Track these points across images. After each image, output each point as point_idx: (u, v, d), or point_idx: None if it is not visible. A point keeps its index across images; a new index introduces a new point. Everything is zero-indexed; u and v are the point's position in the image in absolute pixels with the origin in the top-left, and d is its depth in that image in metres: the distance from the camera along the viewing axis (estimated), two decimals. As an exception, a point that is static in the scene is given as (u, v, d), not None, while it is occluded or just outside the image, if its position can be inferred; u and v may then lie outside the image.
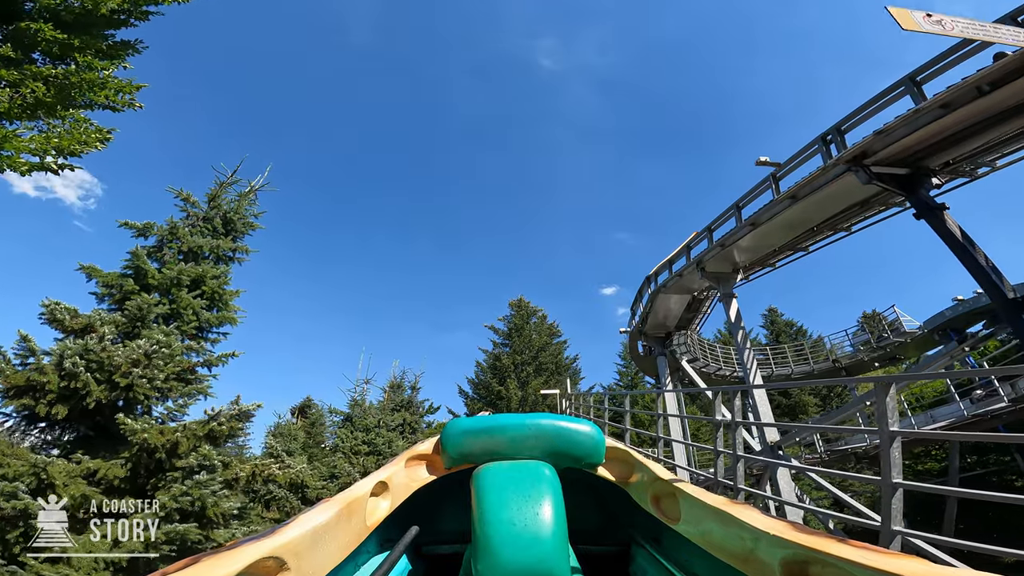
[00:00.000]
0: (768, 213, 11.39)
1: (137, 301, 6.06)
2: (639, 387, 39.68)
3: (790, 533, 0.88)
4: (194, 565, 0.69)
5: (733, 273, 14.71)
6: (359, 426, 10.20)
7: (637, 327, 20.81)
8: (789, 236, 12.50)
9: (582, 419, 1.56)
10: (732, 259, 14.38)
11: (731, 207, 12.58)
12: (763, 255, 13.91)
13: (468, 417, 1.64)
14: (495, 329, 35.09)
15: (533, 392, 29.71)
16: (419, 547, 1.61)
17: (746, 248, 13.22)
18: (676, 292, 18.09)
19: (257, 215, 8.17)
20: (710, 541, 1.12)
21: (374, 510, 1.28)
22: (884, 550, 0.74)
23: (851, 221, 11.80)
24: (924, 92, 8.10)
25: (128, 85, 5.27)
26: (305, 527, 0.93)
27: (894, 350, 22.56)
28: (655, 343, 20.60)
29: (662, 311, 19.45)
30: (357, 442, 9.86)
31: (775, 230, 12.04)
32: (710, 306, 19.65)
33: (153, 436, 5.58)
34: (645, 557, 1.47)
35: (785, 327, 40.16)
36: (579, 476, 1.53)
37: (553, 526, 1.11)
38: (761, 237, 12.44)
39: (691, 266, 15.12)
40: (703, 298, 19.04)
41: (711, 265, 14.49)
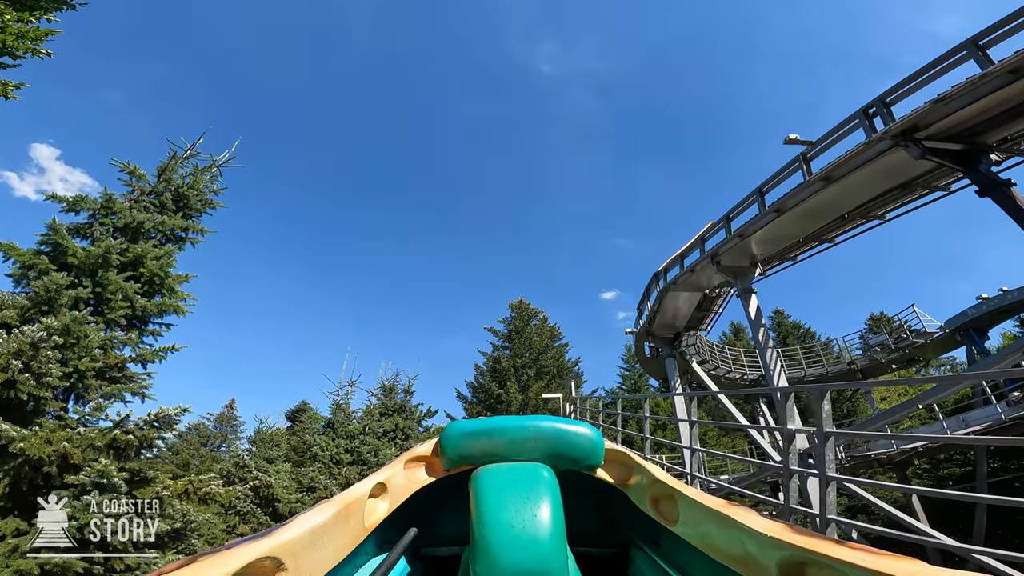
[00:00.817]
0: (796, 198, 10.30)
1: (44, 281, 4.94)
2: (643, 391, 38.62)
3: (787, 535, 0.87)
4: (190, 565, 0.68)
5: (751, 267, 13.62)
6: (342, 433, 9.06)
7: (644, 327, 19.70)
8: (817, 224, 11.41)
9: (581, 421, 1.53)
10: (750, 252, 13.30)
11: (753, 192, 11.49)
12: (785, 246, 12.82)
13: (467, 419, 1.61)
14: (495, 331, 33.98)
15: (534, 396, 28.68)
16: (417, 549, 1.60)
17: (767, 239, 12.14)
18: (686, 290, 16.99)
19: (217, 191, 7.04)
20: (708, 543, 1.11)
21: (372, 511, 1.27)
22: (881, 552, 0.72)
23: (887, 207, 10.72)
24: (990, 57, 7.05)
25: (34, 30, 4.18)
26: (303, 528, 0.92)
27: (912, 351, 21.54)
28: (663, 344, 19.47)
29: (671, 310, 18.34)
30: (339, 451, 8.72)
31: (802, 217, 10.96)
32: (722, 304, 18.55)
33: (34, 446, 4.44)
34: (644, 559, 1.47)
35: (792, 329, 39.13)
36: (578, 478, 1.52)
37: (552, 528, 1.10)
38: (786, 225, 11.35)
39: (705, 259, 14.02)
40: (715, 296, 17.94)
41: (727, 258, 13.39)
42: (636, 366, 40.47)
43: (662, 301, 17.71)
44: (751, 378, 23.15)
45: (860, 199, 10.26)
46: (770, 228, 11.51)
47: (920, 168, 8.66)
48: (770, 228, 11.51)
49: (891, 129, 8.10)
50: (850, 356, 22.80)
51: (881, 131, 8.30)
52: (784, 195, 10.58)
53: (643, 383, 39.70)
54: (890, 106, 8.45)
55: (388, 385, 14.26)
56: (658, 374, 23.95)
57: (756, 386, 23.26)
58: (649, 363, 22.67)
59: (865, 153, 8.80)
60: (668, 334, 19.61)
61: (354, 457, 8.84)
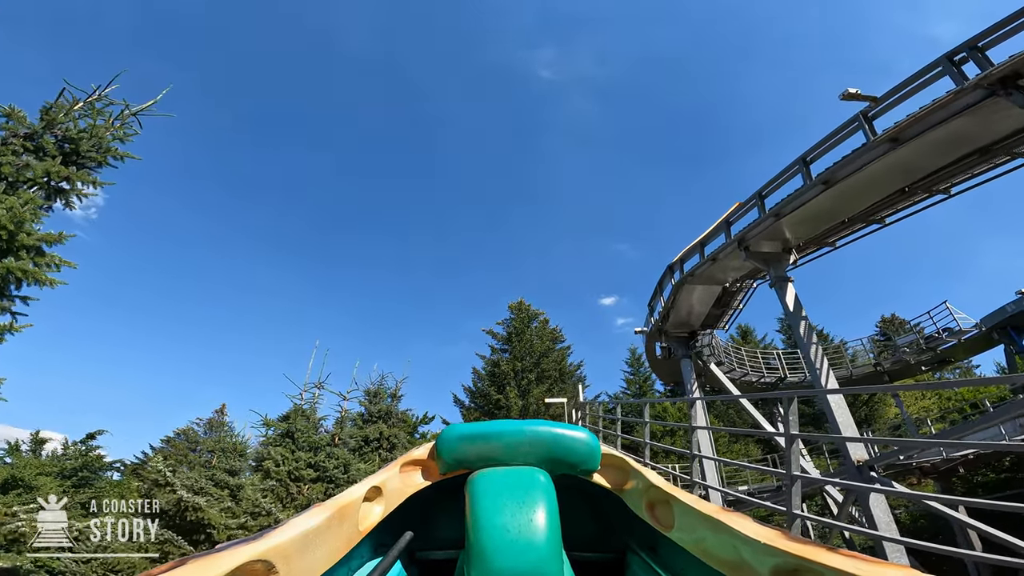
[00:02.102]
0: (853, 165, 8.70)
1: None
2: (648, 395, 36.89)
3: (781, 542, 0.88)
4: (180, 567, 0.68)
5: (784, 253, 12.01)
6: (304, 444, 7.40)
7: (656, 326, 18.05)
8: (873, 198, 9.80)
9: (578, 426, 1.50)
10: (783, 235, 11.71)
11: (795, 163, 9.88)
12: (827, 228, 11.20)
13: (464, 423, 1.54)
14: (493, 334, 32.29)
15: (535, 401, 27.10)
16: (413, 553, 1.58)
17: (808, 218, 10.53)
18: (704, 283, 15.36)
19: (124, 139, 5.39)
20: (703, 549, 1.11)
21: (367, 515, 1.25)
22: (874, 560, 0.73)
23: (956, 178, 9.10)
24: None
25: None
26: (295, 531, 0.92)
27: (945, 352, 19.96)
28: (677, 344, 17.81)
29: (686, 306, 16.69)
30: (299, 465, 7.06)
31: (857, 189, 9.36)
32: (743, 300, 16.91)
33: None
34: (640, 565, 1.46)
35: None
36: (574, 483, 1.52)
37: (547, 533, 1.10)
38: (835, 200, 9.74)
39: (731, 245, 12.40)
40: (734, 290, 16.30)
41: (758, 243, 11.78)
42: (641, 369, 38.77)
43: (677, 296, 16.07)
44: (768, 381, 21.53)
45: (930, 165, 8.66)
46: (814, 204, 9.90)
47: (1012, 126, 7.10)
48: (814, 204, 9.90)
49: (991, 73, 6.54)
50: (875, 358, 21.21)
51: (977, 77, 6.71)
52: (836, 163, 8.97)
53: (648, 387, 37.99)
54: (984, 51, 6.88)
55: (373, 389, 12.54)
56: (669, 377, 22.34)
57: (774, 389, 21.67)
58: (660, 365, 21.06)
59: (950, 106, 7.22)
60: (682, 333, 17.95)
61: (318, 473, 7.17)
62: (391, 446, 11.69)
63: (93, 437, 18.76)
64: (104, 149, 5.24)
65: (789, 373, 21.54)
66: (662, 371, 21.81)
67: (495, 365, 28.97)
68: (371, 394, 12.47)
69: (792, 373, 21.67)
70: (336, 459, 7.49)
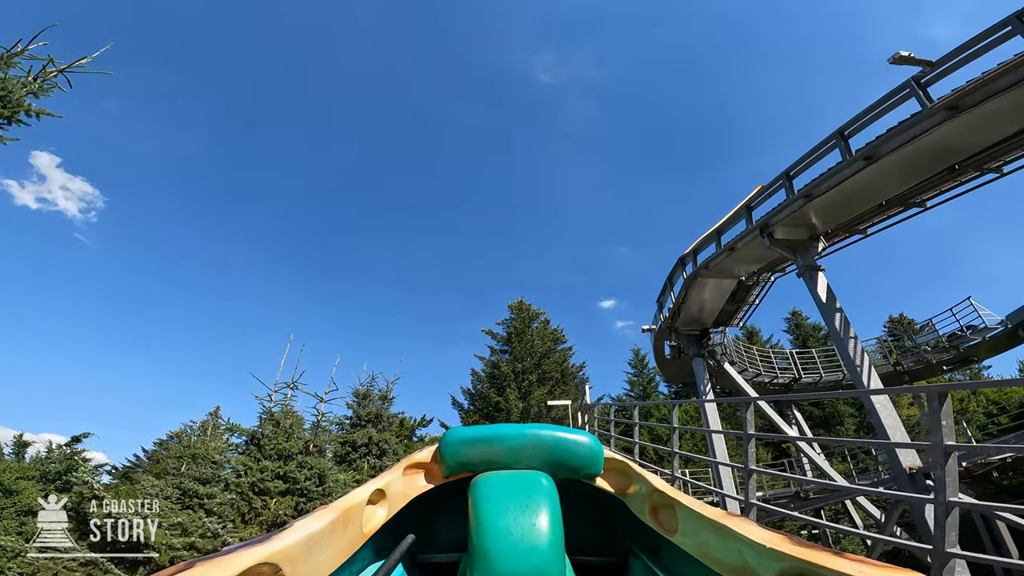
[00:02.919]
0: (902, 137, 7.71)
1: None
2: (652, 398, 35.89)
3: (786, 546, 0.86)
4: (188, 570, 0.68)
5: (811, 241, 11.02)
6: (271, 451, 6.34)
7: (666, 323, 17.02)
8: (920, 176, 8.79)
9: (581, 430, 1.49)
10: (809, 222, 10.73)
11: (831, 136, 8.88)
12: (861, 212, 10.19)
13: (467, 426, 1.56)
14: (493, 334, 31.33)
15: (536, 403, 26.15)
16: (415, 556, 1.58)
17: (844, 199, 9.54)
18: (719, 276, 14.36)
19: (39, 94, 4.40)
20: (707, 553, 1.10)
21: (370, 518, 1.25)
22: (879, 564, 0.71)
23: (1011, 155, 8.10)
24: None
25: None
26: (300, 533, 0.91)
27: (968, 351, 18.99)
28: (688, 343, 16.77)
29: (697, 302, 15.68)
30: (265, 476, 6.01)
31: (901, 166, 8.36)
32: (760, 295, 15.89)
33: None
34: (642, 569, 1.46)
35: (812, 331, 36.58)
36: (577, 487, 1.52)
37: (550, 536, 1.10)
38: (876, 179, 8.75)
39: (753, 232, 11.41)
40: (750, 285, 15.29)
41: (784, 229, 10.79)
42: (645, 371, 37.78)
43: (689, 291, 15.06)
44: (782, 382, 20.51)
45: (988, 139, 7.66)
46: (852, 183, 8.91)
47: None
48: (852, 183, 8.91)
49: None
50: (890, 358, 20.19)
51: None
52: (883, 135, 7.96)
53: (652, 389, 36.98)
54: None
55: (362, 390, 11.50)
56: (677, 378, 21.30)
57: (787, 391, 20.66)
58: (668, 365, 20.01)
59: (1020, 69, 6.22)
60: (693, 331, 16.93)
61: (287, 485, 6.12)
62: (380, 452, 10.66)
63: (79, 440, 18.36)
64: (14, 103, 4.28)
65: (803, 373, 20.54)
66: (670, 371, 20.78)
67: (495, 367, 28.00)
68: (360, 396, 11.44)
69: (807, 373, 20.67)
70: (309, 469, 6.45)
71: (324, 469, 6.55)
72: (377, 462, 10.45)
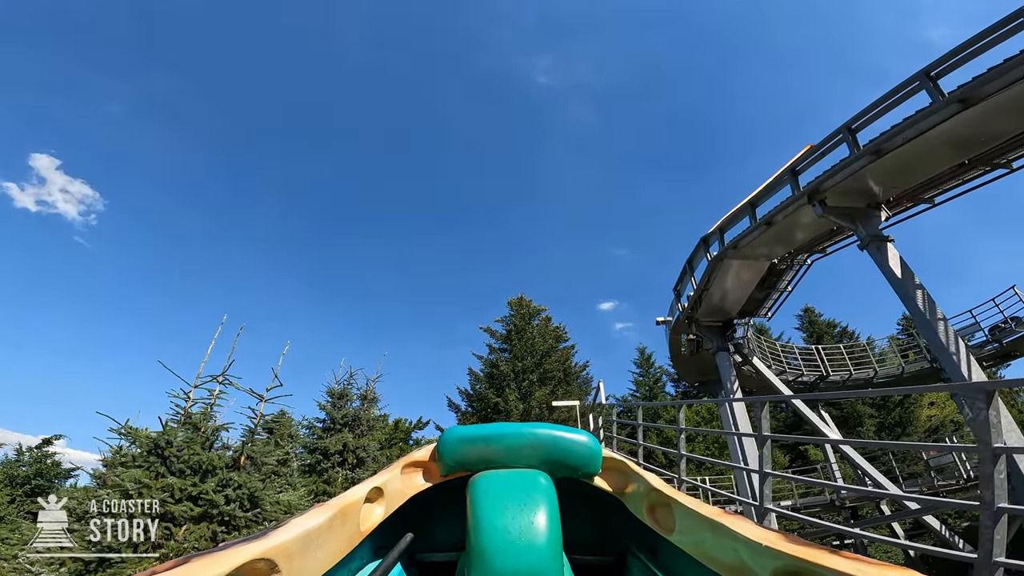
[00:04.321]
0: (1012, 75, 5.94)
1: None
2: (659, 398, 34.05)
3: (782, 544, 0.86)
4: (183, 565, 0.67)
5: (870, 210, 9.27)
6: (180, 466, 4.47)
7: (685, 314, 15.20)
8: (1019, 126, 7.01)
9: (580, 429, 1.47)
10: (867, 188, 9.00)
11: (915, 76, 7.15)
12: (934, 175, 8.43)
13: (465, 425, 1.54)
14: (492, 332, 29.41)
15: (538, 404, 24.29)
16: (413, 554, 1.57)
17: (911, 161, 7.83)
18: (748, 258, 12.60)
19: None
20: (704, 552, 1.10)
21: (368, 516, 1.22)
22: (875, 561, 0.71)
23: None
24: None
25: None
26: (297, 530, 0.90)
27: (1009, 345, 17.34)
28: (712, 336, 14.92)
29: (721, 289, 13.86)
30: (169, 497, 4.15)
31: (1003, 113, 6.61)
32: (793, 280, 14.10)
33: None
34: (640, 568, 1.46)
35: (827, 328, 34.86)
36: (575, 486, 1.52)
37: (548, 535, 1.10)
38: (967, 128, 7.00)
39: (799, 200, 9.65)
40: (782, 268, 13.52)
41: (839, 196, 9.03)
42: (651, 370, 35.94)
43: (712, 275, 13.28)
44: (807, 380, 18.76)
45: None
46: (937, 134, 7.16)
47: None
48: (937, 134, 7.16)
49: None
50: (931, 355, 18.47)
51: None
52: (985, 73, 6.22)
53: (659, 389, 35.17)
54: None
55: (338, 390, 9.65)
56: (694, 375, 19.47)
57: (812, 389, 18.92)
58: (684, 362, 18.21)
59: None
60: (716, 322, 15.10)
61: (203, 508, 4.27)
62: (358, 460, 8.83)
63: (49, 443, 17.22)
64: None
65: (832, 370, 18.80)
66: (686, 368, 18.97)
67: (493, 366, 26.17)
68: (335, 396, 9.57)
69: (835, 370, 18.93)
70: (237, 488, 4.60)
71: (257, 489, 4.70)
72: (351, 474, 8.60)
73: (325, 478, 8.47)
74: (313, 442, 8.78)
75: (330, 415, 9.23)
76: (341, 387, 9.63)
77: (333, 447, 8.54)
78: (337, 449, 8.56)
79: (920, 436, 28.67)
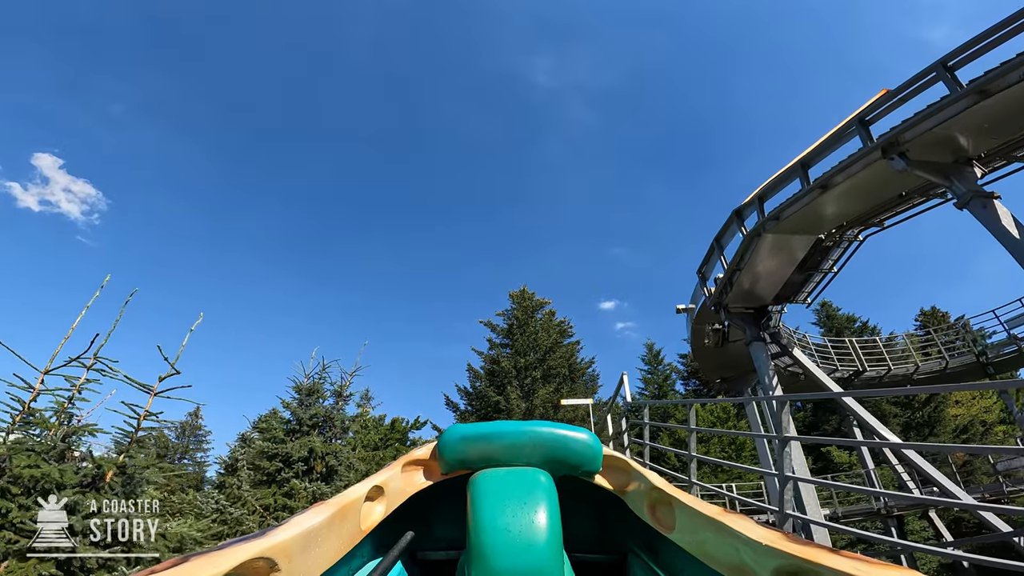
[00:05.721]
0: None
1: None
2: (669, 396, 32.24)
3: (783, 543, 0.84)
4: (182, 564, 0.67)
5: (959, 165, 7.50)
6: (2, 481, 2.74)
7: (712, 299, 13.38)
8: None
9: (580, 427, 1.44)
10: (955, 141, 7.26)
11: None
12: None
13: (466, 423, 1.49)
14: (492, 326, 27.61)
15: (542, 403, 22.50)
16: (414, 553, 1.55)
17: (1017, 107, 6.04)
18: (792, 232, 10.82)
19: None
20: (705, 551, 1.08)
21: (368, 514, 1.21)
22: (876, 561, 0.71)
23: None
24: None
25: None
26: (297, 529, 0.89)
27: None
28: (743, 324, 13.06)
29: (755, 271, 12.02)
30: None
31: None
32: (841, 259, 12.28)
33: None
34: (641, 567, 1.44)
35: (846, 323, 33.05)
36: (576, 485, 1.49)
37: (548, 534, 1.09)
38: None
39: (871, 154, 7.88)
40: (829, 245, 11.73)
41: (923, 148, 7.26)
42: (660, 367, 34.14)
43: (747, 253, 11.49)
44: (841, 376, 16.99)
45: None
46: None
47: None
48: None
49: None
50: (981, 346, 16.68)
51: None
52: None
53: (668, 387, 33.35)
54: None
55: (307, 385, 7.89)
56: (718, 370, 17.59)
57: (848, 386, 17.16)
58: (708, 355, 16.39)
59: None
60: (748, 308, 13.26)
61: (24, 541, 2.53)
62: (329, 470, 7.08)
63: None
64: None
65: (868, 366, 17.04)
66: (709, 363, 17.15)
67: (494, 362, 24.40)
68: (303, 392, 7.77)
69: (872, 366, 17.16)
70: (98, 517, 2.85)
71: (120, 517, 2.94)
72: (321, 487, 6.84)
73: (286, 490, 6.68)
74: (272, 447, 6.99)
75: (296, 415, 7.44)
76: (311, 382, 7.84)
77: (296, 453, 6.78)
78: (301, 456, 6.80)
79: (949, 436, 26.95)
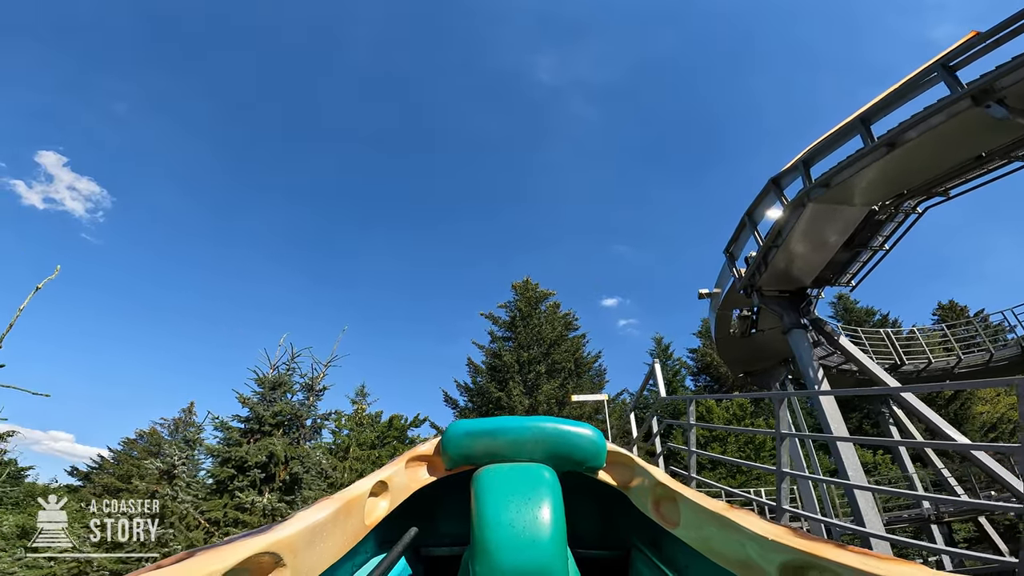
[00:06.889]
0: None
1: None
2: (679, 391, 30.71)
3: (789, 539, 0.85)
4: (189, 559, 0.67)
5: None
6: None
7: (744, 281, 11.87)
8: None
9: (584, 423, 1.47)
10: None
11: None
12: None
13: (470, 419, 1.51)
14: (494, 318, 26.08)
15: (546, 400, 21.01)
16: (418, 548, 1.57)
17: None
18: (842, 202, 9.33)
19: None
20: (709, 546, 1.09)
21: (373, 510, 1.24)
22: (882, 556, 0.70)
23: None
24: None
25: None
26: (303, 524, 0.90)
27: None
28: (780, 308, 11.53)
29: (794, 249, 10.50)
30: None
31: None
32: (896, 235, 10.77)
33: None
34: (644, 562, 1.45)
35: (865, 316, 31.54)
36: (580, 480, 1.49)
37: (552, 529, 1.09)
38: None
39: (959, 103, 6.40)
40: (882, 219, 10.23)
41: (1020, 97, 5.77)
42: (670, 362, 32.62)
43: (787, 226, 9.98)
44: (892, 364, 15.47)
45: None
46: None
47: None
48: None
49: None
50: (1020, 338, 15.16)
51: None
52: None
53: (678, 384, 31.85)
54: None
55: (272, 377, 6.40)
56: (742, 364, 16.00)
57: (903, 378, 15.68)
58: (731, 346, 14.81)
59: None
60: (784, 291, 11.75)
61: None
62: (294, 479, 5.59)
63: (2, 439, 14.23)
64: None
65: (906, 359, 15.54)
66: (733, 354, 15.64)
67: (496, 356, 22.93)
68: (268, 385, 6.26)
69: (910, 359, 15.66)
70: None
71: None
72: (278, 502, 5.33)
73: (237, 502, 5.17)
74: (224, 450, 5.47)
75: (255, 412, 5.93)
76: (276, 374, 6.33)
77: (252, 458, 5.27)
78: (260, 460, 5.29)
79: (977, 435, 25.54)
